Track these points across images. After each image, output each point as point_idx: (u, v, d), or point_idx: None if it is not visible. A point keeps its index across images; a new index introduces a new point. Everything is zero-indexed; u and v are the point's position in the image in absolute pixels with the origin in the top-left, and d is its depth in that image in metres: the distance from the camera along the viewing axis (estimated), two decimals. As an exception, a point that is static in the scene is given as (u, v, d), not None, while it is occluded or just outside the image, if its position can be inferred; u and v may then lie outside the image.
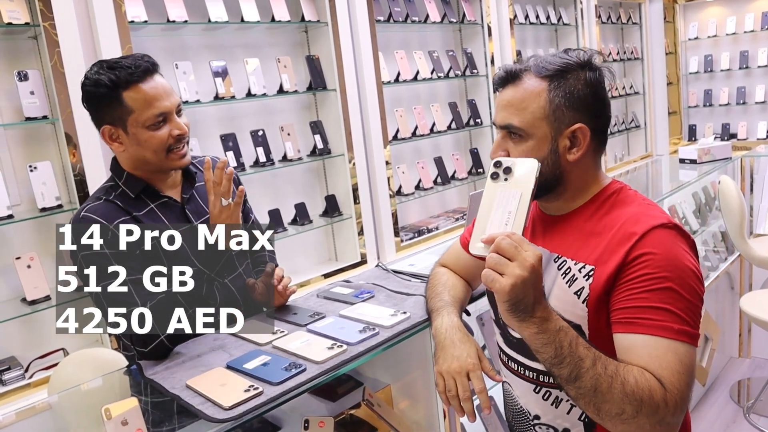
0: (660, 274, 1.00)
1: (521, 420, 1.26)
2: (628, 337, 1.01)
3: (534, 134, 1.11)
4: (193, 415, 1.14)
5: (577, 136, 1.12)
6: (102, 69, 1.40)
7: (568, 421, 1.17)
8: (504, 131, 1.16)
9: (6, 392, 1.97)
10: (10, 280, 2.15)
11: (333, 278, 2.78)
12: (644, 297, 1.00)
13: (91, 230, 1.38)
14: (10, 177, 2.14)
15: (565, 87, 1.11)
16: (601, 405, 0.95)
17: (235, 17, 2.62)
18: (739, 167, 3.67)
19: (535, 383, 1.20)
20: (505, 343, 1.27)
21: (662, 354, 0.97)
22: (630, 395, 0.93)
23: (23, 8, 2.05)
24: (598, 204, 1.15)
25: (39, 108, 2.10)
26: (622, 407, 0.94)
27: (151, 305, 1.34)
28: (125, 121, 1.41)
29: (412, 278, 1.77)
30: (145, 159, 1.46)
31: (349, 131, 2.95)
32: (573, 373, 0.95)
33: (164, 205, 1.51)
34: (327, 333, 1.40)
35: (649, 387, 0.94)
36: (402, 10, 3.26)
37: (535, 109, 1.11)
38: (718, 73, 5.58)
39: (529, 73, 1.13)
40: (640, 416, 0.94)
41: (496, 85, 1.18)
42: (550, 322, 0.95)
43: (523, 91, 1.12)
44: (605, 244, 1.08)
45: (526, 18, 4.13)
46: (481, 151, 3.84)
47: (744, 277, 3.65)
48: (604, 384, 0.94)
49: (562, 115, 1.11)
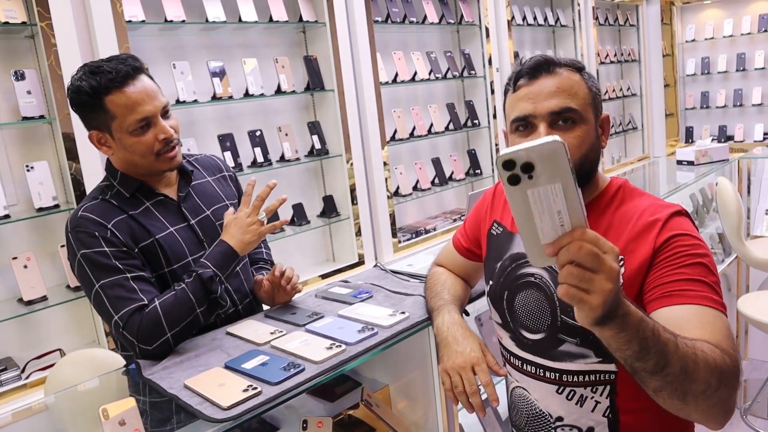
0: (692, 251, 1.04)
1: (540, 424, 1.22)
2: (674, 309, 1.00)
3: (588, 119, 1.13)
4: (192, 415, 1.13)
5: (604, 123, 1.18)
6: (84, 74, 1.37)
7: (593, 419, 1.15)
8: (549, 120, 1.10)
9: (2, 393, 1.96)
10: (6, 280, 2.14)
11: (330, 279, 2.78)
12: (682, 272, 1.02)
13: (89, 230, 1.38)
14: (6, 177, 2.13)
15: (591, 81, 1.16)
16: (689, 386, 0.88)
17: (233, 17, 2.62)
18: (737, 169, 3.67)
19: (557, 384, 1.17)
20: (518, 347, 1.24)
21: (713, 321, 0.97)
22: (713, 367, 0.89)
23: (20, 7, 2.05)
24: (608, 198, 1.17)
25: (36, 107, 2.09)
26: (708, 381, 0.88)
27: (160, 302, 1.36)
28: (110, 127, 1.40)
29: (410, 278, 1.77)
30: (135, 162, 1.44)
31: (346, 132, 2.94)
32: (661, 361, 0.86)
33: (160, 203, 1.50)
34: (325, 333, 1.39)
35: (721, 355, 0.91)
36: (400, 11, 3.26)
37: (584, 95, 1.13)
38: (715, 75, 5.59)
39: (561, 66, 1.14)
40: (722, 387, 0.90)
41: (527, 74, 1.13)
42: (631, 316, 0.84)
43: (568, 79, 1.12)
44: (628, 234, 1.09)
45: (523, 19, 4.14)
46: (479, 152, 3.84)
47: (741, 279, 3.66)
48: (690, 363, 0.87)
49: (599, 103, 1.17)
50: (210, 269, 1.40)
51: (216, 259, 1.43)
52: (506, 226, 1.29)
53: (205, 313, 1.41)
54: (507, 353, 1.28)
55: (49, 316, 2.21)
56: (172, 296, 1.37)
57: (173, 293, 1.38)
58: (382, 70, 3.17)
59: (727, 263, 3.52)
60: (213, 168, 1.68)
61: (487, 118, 3.80)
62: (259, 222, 1.48)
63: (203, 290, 1.38)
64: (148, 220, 1.45)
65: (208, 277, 1.38)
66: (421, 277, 1.74)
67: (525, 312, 1.21)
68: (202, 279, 1.38)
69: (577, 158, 1.10)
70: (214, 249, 1.45)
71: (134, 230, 1.42)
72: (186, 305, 1.37)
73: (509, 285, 1.25)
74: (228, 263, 1.44)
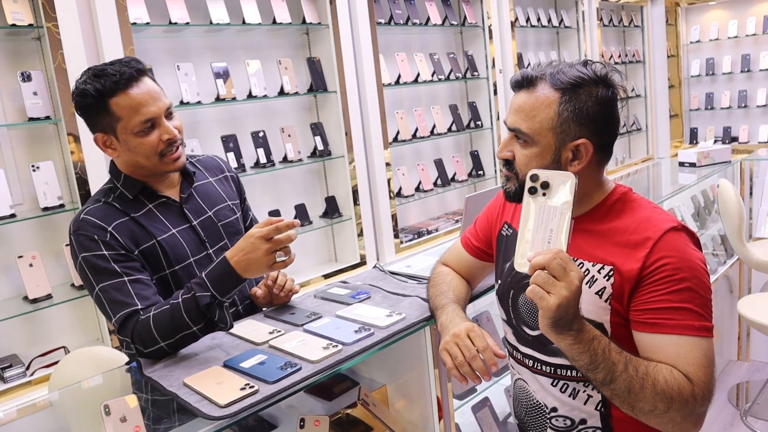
0: (678, 276, 1.08)
1: (537, 414, 1.30)
2: (655, 337, 1.09)
3: (539, 142, 1.16)
4: (191, 413, 1.15)
5: (580, 150, 1.15)
6: (89, 78, 1.39)
7: (585, 411, 1.22)
8: (512, 133, 1.21)
9: (7, 389, 2.00)
10: (12, 279, 2.17)
11: (333, 279, 2.80)
12: (666, 299, 1.08)
13: (89, 233, 1.40)
14: (12, 176, 2.16)
15: (576, 102, 1.13)
16: (635, 403, 1.04)
17: (237, 19, 2.64)
18: (739, 171, 3.67)
19: (552, 377, 1.25)
20: (519, 342, 1.32)
21: (688, 351, 1.06)
22: (660, 394, 1.02)
23: (27, 9, 2.08)
24: (605, 210, 1.20)
25: (42, 108, 2.13)
26: (655, 404, 1.03)
27: (153, 314, 1.35)
28: (115, 129, 1.41)
29: (408, 279, 1.79)
30: (139, 164, 1.46)
31: (349, 133, 2.96)
32: (607, 377, 1.03)
33: (162, 205, 1.52)
34: (323, 333, 1.41)
35: (678, 384, 1.03)
36: (403, 13, 3.28)
37: (543, 118, 1.15)
38: (719, 77, 5.59)
39: (544, 81, 1.16)
40: (672, 411, 1.03)
41: (512, 87, 1.22)
42: (585, 332, 1.02)
43: (535, 99, 1.15)
44: (621, 246, 1.14)
45: (527, 20, 4.14)
46: (482, 154, 3.85)
47: (743, 281, 3.66)
48: (636, 385, 1.02)
49: (569, 128, 1.14)
50: (208, 293, 1.33)
51: (216, 282, 1.34)
52: (516, 227, 1.34)
53: (203, 331, 1.36)
54: (510, 347, 1.37)
55: (54, 314, 2.24)
56: (167, 310, 1.34)
57: (168, 307, 1.34)
58: (385, 71, 3.18)
59: (729, 265, 3.52)
60: (215, 168, 1.70)
61: (489, 120, 3.81)
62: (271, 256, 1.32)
63: (198, 311, 1.33)
64: (150, 222, 1.47)
65: (205, 304, 1.32)
66: (419, 278, 1.76)
67: (526, 309, 1.29)
68: (200, 304, 1.32)
69: (524, 173, 1.13)
70: (217, 268, 1.35)
71: (135, 233, 1.44)
72: (180, 321, 1.33)
73: (515, 285, 1.33)
74: (231, 286, 1.35)
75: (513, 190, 1.22)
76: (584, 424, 1.23)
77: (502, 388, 2.13)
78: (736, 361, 3.66)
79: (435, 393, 1.54)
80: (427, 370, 1.54)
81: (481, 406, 2.02)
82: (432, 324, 1.48)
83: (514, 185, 1.21)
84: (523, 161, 1.18)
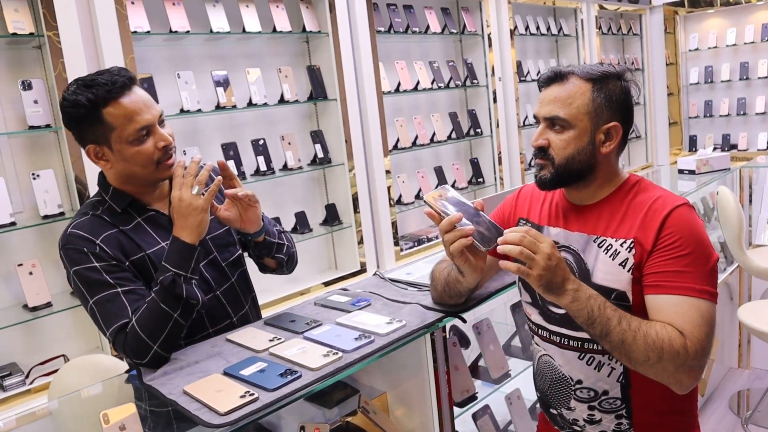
0: (683, 244, 1.21)
1: (561, 387, 1.40)
2: (658, 297, 1.21)
3: (576, 126, 1.28)
4: (190, 421, 1.15)
5: (611, 132, 1.30)
6: (79, 88, 1.37)
7: (608, 383, 1.33)
8: (546, 123, 1.31)
9: (7, 398, 1.99)
10: (12, 287, 2.17)
11: (333, 286, 2.80)
12: (670, 263, 1.21)
13: (78, 246, 1.39)
14: (13, 184, 2.17)
15: (606, 90, 1.29)
16: (630, 354, 1.17)
17: (237, 28, 2.65)
18: (738, 178, 3.68)
19: (579, 351, 1.34)
20: (546, 321, 1.41)
21: (686, 311, 1.18)
22: (651, 345, 1.15)
23: (28, 18, 2.09)
24: (625, 191, 1.33)
25: (42, 117, 2.13)
26: (647, 354, 1.15)
27: (136, 319, 1.35)
28: (108, 139, 1.39)
29: (408, 287, 1.78)
30: (133, 174, 1.44)
31: (349, 140, 2.97)
32: (603, 331, 1.18)
33: (151, 218, 1.50)
34: (323, 340, 1.41)
35: (669, 337, 1.15)
36: (403, 21, 3.29)
37: (579, 104, 1.28)
38: (718, 84, 5.60)
39: (574, 75, 1.30)
40: (664, 361, 1.15)
41: (542, 83, 1.34)
42: (581, 291, 1.19)
43: (570, 89, 1.29)
44: (639, 222, 1.26)
45: (526, 29, 4.16)
46: (481, 161, 3.86)
47: (743, 288, 3.65)
48: (629, 337, 1.16)
49: (602, 112, 1.28)
50: (170, 272, 1.36)
51: (173, 259, 1.37)
52: (534, 221, 1.45)
53: (183, 316, 1.37)
54: (535, 327, 1.45)
55: (54, 322, 2.24)
56: (145, 309, 1.35)
57: (146, 306, 1.36)
58: (385, 79, 3.20)
59: (729, 272, 3.51)
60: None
61: (489, 127, 3.82)
62: (194, 197, 1.39)
63: (170, 295, 1.34)
64: (138, 236, 1.45)
65: (170, 282, 1.35)
66: (419, 285, 1.76)
67: None
68: (164, 285, 1.35)
69: (562, 157, 1.29)
70: (170, 248, 1.39)
71: (124, 245, 1.42)
72: (160, 314, 1.34)
73: None
74: (186, 257, 1.38)
75: (548, 177, 1.31)
76: (606, 395, 1.33)
77: (502, 396, 2.13)
78: (736, 369, 3.65)
79: (435, 400, 1.54)
80: (428, 378, 1.54)
81: (482, 413, 2.02)
82: (432, 331, 1.48)
83: (549, 172, 1.31)
84: (561, 145, 1.29)
